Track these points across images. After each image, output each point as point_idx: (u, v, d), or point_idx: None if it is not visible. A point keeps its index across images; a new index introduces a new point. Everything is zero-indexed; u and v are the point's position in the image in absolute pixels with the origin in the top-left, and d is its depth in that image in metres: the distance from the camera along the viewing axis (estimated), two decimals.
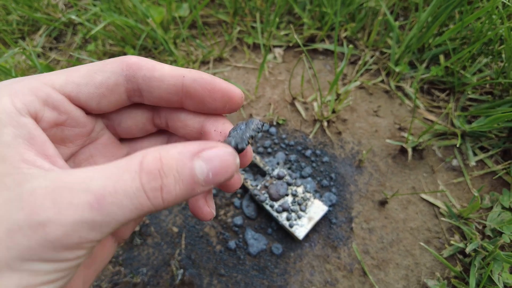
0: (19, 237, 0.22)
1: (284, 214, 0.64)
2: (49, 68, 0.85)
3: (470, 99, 0.80)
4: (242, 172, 0.67)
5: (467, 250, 0.61)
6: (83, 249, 0.24)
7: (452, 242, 0.64)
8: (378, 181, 0.71)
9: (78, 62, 0.78)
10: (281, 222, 0.64)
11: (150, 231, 0.70)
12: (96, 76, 0.31)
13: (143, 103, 0.34)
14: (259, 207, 0.69)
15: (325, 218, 0.68)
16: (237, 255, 0.65)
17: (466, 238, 0.64)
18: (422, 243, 0.62)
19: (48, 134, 0.30)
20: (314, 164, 0.72)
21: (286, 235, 0.66)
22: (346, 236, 0.66)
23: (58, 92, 0.30)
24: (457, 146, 0.70)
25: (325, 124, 0.76)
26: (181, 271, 0.65)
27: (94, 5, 0.94)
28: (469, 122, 0.76)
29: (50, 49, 0.98)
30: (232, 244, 0.66)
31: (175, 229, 0.70)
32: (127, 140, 0.40)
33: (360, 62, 0.86)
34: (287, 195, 0.65)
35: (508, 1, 0.71)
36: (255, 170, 0.72)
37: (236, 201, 0.69)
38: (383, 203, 0.69)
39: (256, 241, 0.65)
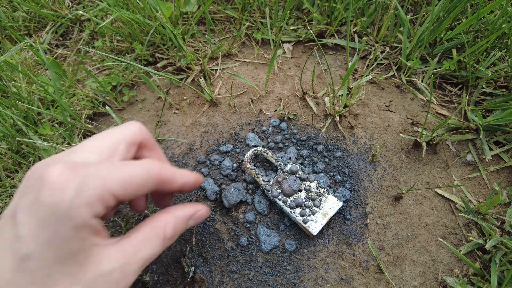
0: None
1: (298, 210, 0.63)
2: (57, 64, 0.84)
3: (484, 93, 0.79)
4: (253, 168, 0.66)
5: (487, 246, 0.59)
6: None
7: (470, 238, 0.62)
8: (392, 176, 0.70)
9: (86, 56, 0.77)
10: (294, 218, 0.62)
11: None
12: (141, 189, 0.40)
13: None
14: (271, 203, 0.67)
15: (339, 213, 0.66)
16: (249, 252, 0.64)
17: (485, 234, 0.63)
18: (440, 239, 0.61)
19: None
20: (326, 159, 0.71)
21: (299, 231, 0.65)
22: (361, 232, 0.65)
23: (114, 198, 0.37)
24: (472, 138, 0.69)
25: (337, 118, 0.74)
26: (192, 268, 0.63)
27: (101, 1, 0.93)
28: (484, 117, 0.74)
29: (57, 46, 0.97)
30: (244, 240, 0.64)
31: None
32: None
33: (371, 56, 0.84)
34: (300, 190, 0.64)
35: None
36: (266, 165, 0.71)
37: (248, 198, 0.68)
38: (397, 198, 0.67)
39: (268, 238, 0.64)
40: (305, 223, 0.61)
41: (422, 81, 0.81)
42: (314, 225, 0.61)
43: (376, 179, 0.69)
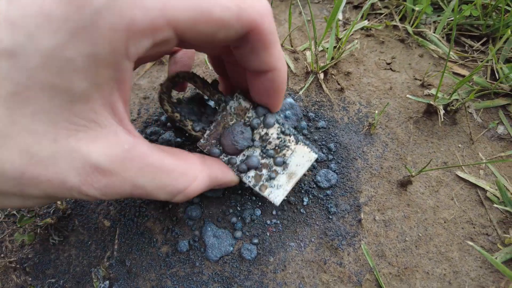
0: None
1: (252, 173, 0.39)
2: None
3: None
4: (177, 109, 0.38)
5: None
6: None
7: (509, 240, 0.43)
8: (396, 154, 0.50)
9: None
10: (246, 185, 0.43)
11: (74, 225, 0.49)
12: (221, 31, 0.26)
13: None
14: None
15: (320, 206, 0.46)
16: (191, 261, 0.44)
17: None
18: (470, 242, 0.41)
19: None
20: (305, 131, 0.51)
21: (263, 231, 0.45)
22: (352, 232, 0.45)
23: (171, 33, 0.24)
24: (505, 103, 0.49)
25: (321, 76, 0.54)
26: (106, 284, 0.44)
27: None
28: None
29: None
30: (183, 244, 0.45)
31: (107, 223, 0.49)
32: None
33: (367, 5, 0.64)
34: (253, 140, 0.39)
35: None
36: (196, 102, 0.42)
37: None
38: (404, 184, 0.47)
39: (218, 240, 0.44)
40: (263, 191, 0.40)
41: (434, 32, 0.61)
42: (276, 192, 0.40)
43: (374, 158, 0.50)
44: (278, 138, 0.38)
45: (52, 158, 0.24)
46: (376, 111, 0.52)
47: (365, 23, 0.58)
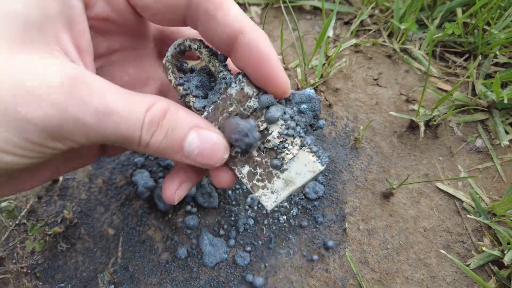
0: None
1: (245, 169, 0.35)
2: None
3: (497, 64, 0.63)
4: (180, 81, 0.35)
5: (506, 259, 0.43)
6: (62, 146, 0.26)
7: (482, 248, 0.47)
8: (380, 167, 0.54)
9: None
10: (239, 179, 0.39)
11: (80, 233, 0.53)
12: None
13: (183, 25, 0.33)
14: (219, 194, 0.51)
15: (308, 216, 0.50)
16: (189, 267, 0.48)
17: (501, 243, 0.47)
18: (442, 250, 0.45)
19: (92, 24, 0.30)
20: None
21: (255, 239, 0.49)
22: (337, 241, 0.49)
23: None
24: (483, 118, 0.53)
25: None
26: (112, 287, 0.48)
27: None
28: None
29: None
30: (182, 252, 0.48)
31: (111, 232, 0.52)
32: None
33: (356, 20, 0.68)
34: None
35: None
36: (208, 73, 0.36)
37: (192, 191, 0.52)
38: (387, 195, 0.51)
39: (214, 248, 0.48)
40: (255, 191, 0.35)
41: (419, 49, 0.65)
42: (269, 196, 0.35)
43: (359, 171, 0.53)
44: (279, 137, 0.32)
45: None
46: (361, 127, 0.55)
47: (353, 41, 0.62)
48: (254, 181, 0.35)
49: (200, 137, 0.30)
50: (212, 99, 0.34)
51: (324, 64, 0.61)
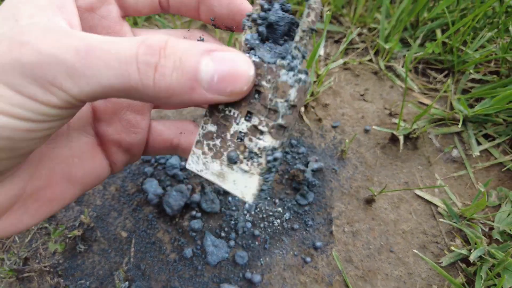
0: None
1: (209, 129, 0.31)
2: None
3: (472, 80, 0.69)
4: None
5: (471, 257, 0.49)
6: (55, 98, 0.22)
7: (452, 247, 0.53)
8: (364, 175, 0.60)
9: None
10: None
11: (96, 235, 0.59)
12: None
13: (169, 12, 0.34)
14: (221, 194, 0.58)
15: (299, 220, 0.56)
16: (194, 265, 0.54)
17: (470, 243, 0.53)
18: (415, 250, 0.51)
19: (79, 14, 0.30)
20: (288, 156, 0.61)
21: (252, 241, 0.55)
22: (325, 241, 0.55)
23: None
24: (458, 131, 0.59)
25: (302, 109, 0.64)
26: (126, 284, 0.54)
27: None
28: (471, 107, 0.65)
29: None
30: (188, 252, 0.55)
31: (124, 234, 0.59)
32: None
33: (344, 39, 0.74)
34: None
35: None
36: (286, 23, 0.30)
37: (195, 198, 0.58)
38: (369, 201, 0.58)
39: (216, 249, 0.54)
40: (195, 146, 0.32)
41: (402, 66, 0.71)
42: (196, 162, 0.32)
43: (345, 179, 0.60)
44: (259, 148, 0.28)
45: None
46: (347, 140, 0.62)
47: (341, 61, 0.68)
48: (204, 142, 0.31)
49: (215, 60, 0.23)
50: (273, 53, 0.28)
51: (315, 81, 0.67)
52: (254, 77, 0.26)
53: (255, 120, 0.28)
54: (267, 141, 0.27)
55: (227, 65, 0.24)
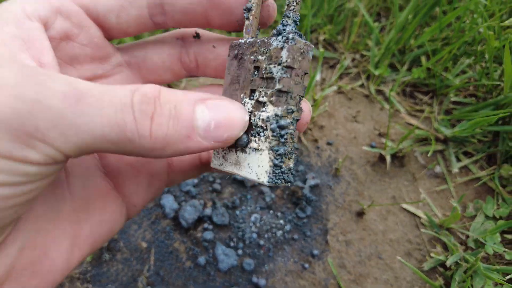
0: None
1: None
2: None
3: (454, 102, 0.77)
4: None
5: (448, 263, 0.57)
6: (35, 153, 0.19)
7: (433, 254, 0.60)
8: (356, 191, 0.68)
9: None
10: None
11: (119, 246, 0.67)
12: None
13: (166, 26, 0.30)
14: (229, 210, 0.66)
15: (299, 231, 0.64)
16: (207, 271, 0.62)
17: (448, 250, 0.61)
18: (399, 257, 0.59)
19: (55, 45, 0.27)
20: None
21: (258, 249, 0.63)
22: (321, 250, 0.63)
23: (74, 3, 0.27)
24: (441, 149, 0.67)
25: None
26: None
27: None
28: (453, 126, 0.73)
29: None
30: (201, 260, 0.63)
31: (144, 244, 0.67)
32: None
33: (338, 65, 0.83)
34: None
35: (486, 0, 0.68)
36: None
37: (207, 212, 0.66)
38: (360, 214, 0.65)
39: (226, 257, 0.62)
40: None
41: (392, 90, 0.79)
42: (219, 158, 0.31)
43: (338, 194, 0.68)
44: (267, 120, 0.26)
45: None
46: (340, 159, 0.70)
47: (334, 88, 0.76)
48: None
49: (209, 107, 0.23)
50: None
51: (312, 105, 0.75)
52: (248, 122, 0.25)
53: (256, 95, 0.27)
54: (269, 110, 0.26)
55: (222, 111, 0.23)
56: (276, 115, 0.25)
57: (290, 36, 0.25)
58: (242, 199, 0.67)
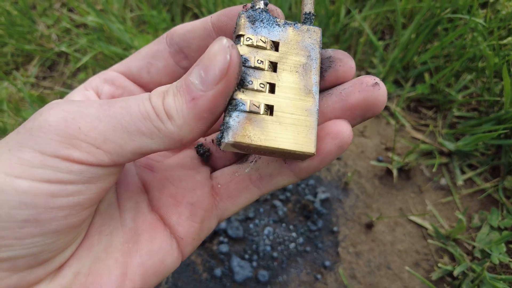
0: None
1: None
2: (41, 99, 0.86)
3: (458, 116, 0.80)
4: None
5: (455, 272, 0.59)
6: (80, 152, 0.23)
7: (440, 264, 0.63)
8: (365, 203, 0.71)
9: (71, 89, 0.80)
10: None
11: None
12: (141, 51, 0.34)
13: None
14: (242, 223, 0.69)
15: (311, 243, 0.67)
16: (223, 283, 0.65)
17: (455, 260, 0.63)
18: (408, 268, 0.61)
19: None
20: (299, 188, 0.72)
21: (272, 261, 0.66)
22: (333, 261, 0.65)
23: (114, 71, 0.35)
24: (446, 162, 0.69)
25: None
26: None
27: (86, 34, 0.96)
28: (458, 139, 0.75)
29: (44, 78, 1.00)
30: (218, 271, 0.65)
31: None
32: None
33: None
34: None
35: (484, 22, 0.71)
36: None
37: (222, 225, 0.69)
38: (369, 225, 0.68)
39: (241, 269, 0.65)
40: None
41: (397, 105, 0.82)
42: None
43: (348, 207, 0.70)
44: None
45: None
46: (349, 173, 0.73)
47: None
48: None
49: (196, 63, 0.24)
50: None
51: None
52: (230, 44, 0.23)
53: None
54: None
55: (203, 57, 0.24)
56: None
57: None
58: (255, 212, 0.70)
